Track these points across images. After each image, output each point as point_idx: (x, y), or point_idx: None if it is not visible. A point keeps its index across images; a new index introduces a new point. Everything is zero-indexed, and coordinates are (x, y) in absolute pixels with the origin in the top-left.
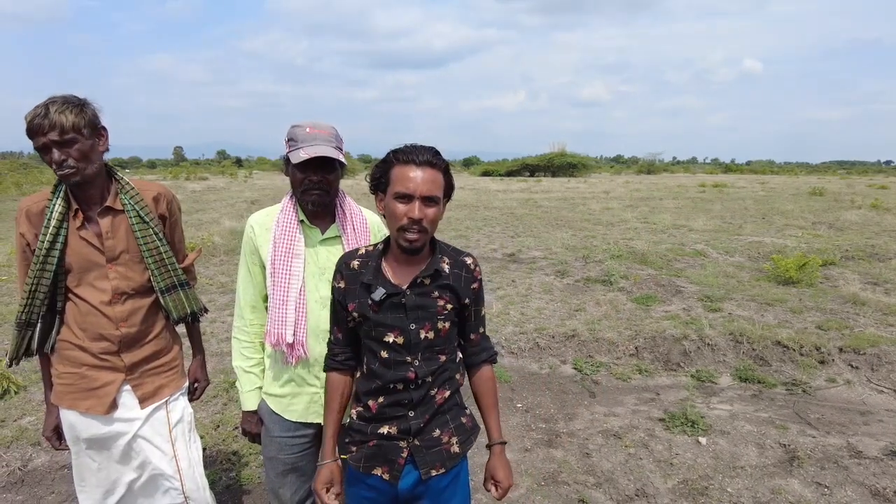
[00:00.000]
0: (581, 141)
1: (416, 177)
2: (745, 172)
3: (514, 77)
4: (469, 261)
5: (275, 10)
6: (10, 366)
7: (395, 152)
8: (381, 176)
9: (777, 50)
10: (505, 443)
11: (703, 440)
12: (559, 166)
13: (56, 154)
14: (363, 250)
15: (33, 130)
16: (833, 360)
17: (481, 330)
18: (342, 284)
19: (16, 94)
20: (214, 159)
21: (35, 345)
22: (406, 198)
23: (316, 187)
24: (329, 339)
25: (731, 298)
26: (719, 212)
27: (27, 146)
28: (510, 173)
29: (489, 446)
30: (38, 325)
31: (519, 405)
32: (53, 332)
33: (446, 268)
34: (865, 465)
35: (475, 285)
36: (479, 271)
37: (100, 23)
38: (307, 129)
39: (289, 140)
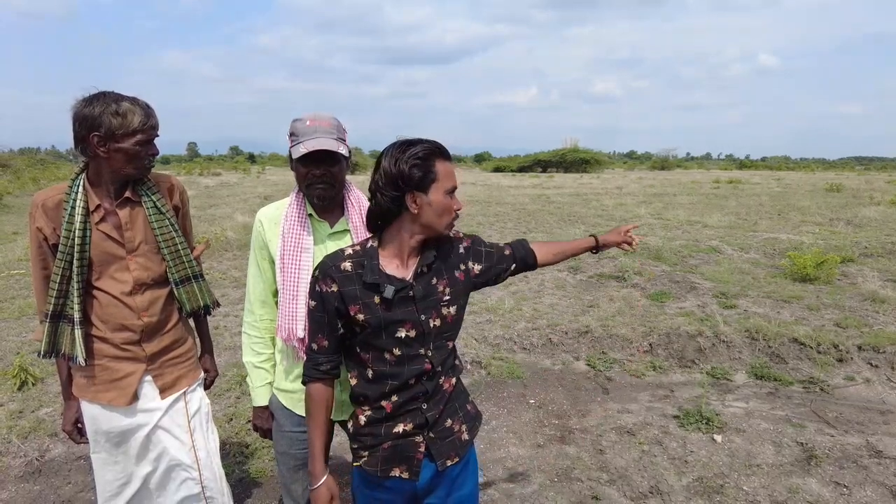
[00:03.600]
0: (594, 136)
1: (453, 171)
2: (760, 168)
3: (525, 72)
4: (446, 232)
5: (286, 6)
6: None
7: (436, 146)
8: (427, 172)
9: (793, 44)
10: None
11: (718, 438)
12: (571, 162)
13: (154, 147)
14: (349, 250)
15: (146, 126)
16: (852, 358)
17: (506, 249)
18: (335, 288)
19: (31, 92)
20: (227, 155)
21: (78, 339)
22: (453, 191)
23: (320, 181)
24: (309, 347)
25: (747, 295)
26: (734, 208)
27: (44, 142)
28: (522, 169)
29: (593, 236)
30: (83, 321)
31: (531, 401)
32: None
33: (434, 251)
34: (886, 464)
35: (465, 246)
36: (460, 234)
37: (113, 20)
38: (307, 123)
39: (290, 135)
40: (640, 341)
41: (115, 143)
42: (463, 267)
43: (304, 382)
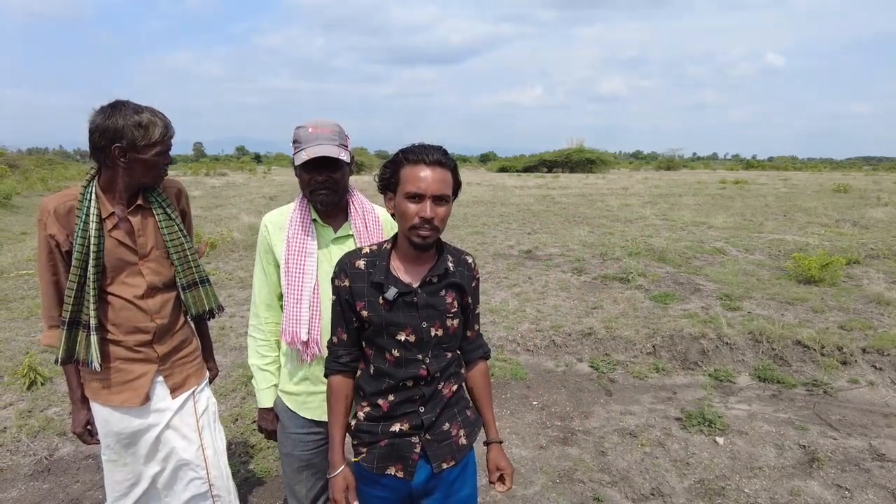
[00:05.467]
0: (599, 136)
1: (427, 176)
2: (766, 169)
3: (531, 72)
4: (469, 259)
5: (292, 6)
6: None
7: (404, 152)
8: (390, 176)
9: (800, 43)
10: (501, 442)
11: (720, 440)
12: (577, 162)
13: (170, 157)
14: (367, 249)
15: (165, 139)
16: (856, 360)
17: (476, 327)
18: (346, 283)
19: (39, 93)
20: (233, 155)
21: (94, 345)
22: (417, 197)
23: (322, 187)
24: (330, 340)
25: (751, 297)
26: (740, 209)
27: (52, 142)
28: (527, 169)
29: (487, 444)
30: (98, 326)
31: (534, 402)
32: None
33: (451, 266)
34: (888, 468)
35: (474, 283)
36: (477, 270)
37: (121, 21)
38: (309, 130)
39: (294, 142)
40: (644, 343)
41: (135, 154)
42: (469, 298)
43: (325, 375)
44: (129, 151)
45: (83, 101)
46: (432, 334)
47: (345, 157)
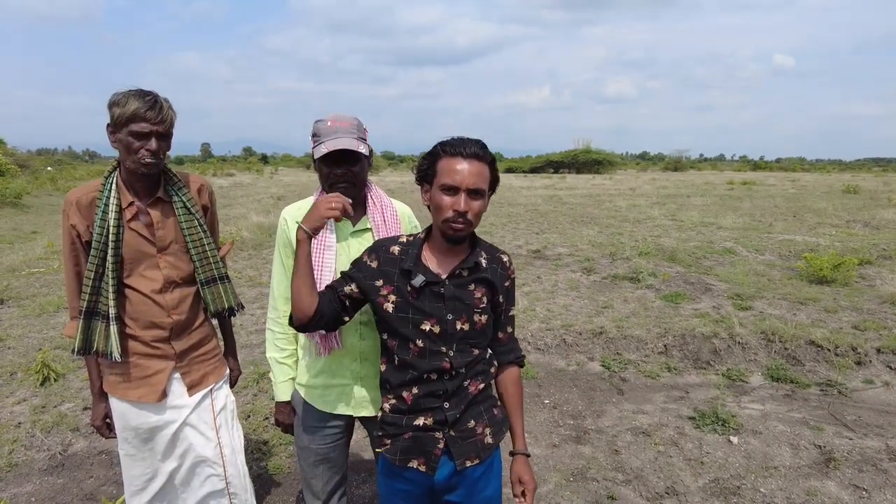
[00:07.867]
0: (606, 137)
1: (463, 169)
2: (774, 170)
3: (537, 73)
4: (505, 258)
5: (298, 8)
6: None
7: (442, 144)
8: (427, 167)
9: (810, 44)
10: (528, 455)
11: (734, 439)
12: (584, 163)
13: (154, 143)
14: (404, 238)
15: (139, 116)
16: (870, 360)
17: (510, 329)
18: (375, 264)
19: (48, 94)
20: (241, 156)
21: (113, 336)
22: (452, 190)
23: (341, 180)
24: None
25: (762, 297)
26: (748, 210)
27: (61, 143)
28: (534, 170)
29: (513, 454)
30: (117, 317)
31: (546, 401)
32: None
33: (483, 262)
34: None
35: (508, 283)
36: (512, 270)
37: (128, 22)
38: (328, 123)
39: (313, 135)
40: (655, 342)
41: (117, 134)
42: (501, 297)
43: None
44: (115, 131)
45: (91, 102)
46: (457, 328)
47: (363, 150)
